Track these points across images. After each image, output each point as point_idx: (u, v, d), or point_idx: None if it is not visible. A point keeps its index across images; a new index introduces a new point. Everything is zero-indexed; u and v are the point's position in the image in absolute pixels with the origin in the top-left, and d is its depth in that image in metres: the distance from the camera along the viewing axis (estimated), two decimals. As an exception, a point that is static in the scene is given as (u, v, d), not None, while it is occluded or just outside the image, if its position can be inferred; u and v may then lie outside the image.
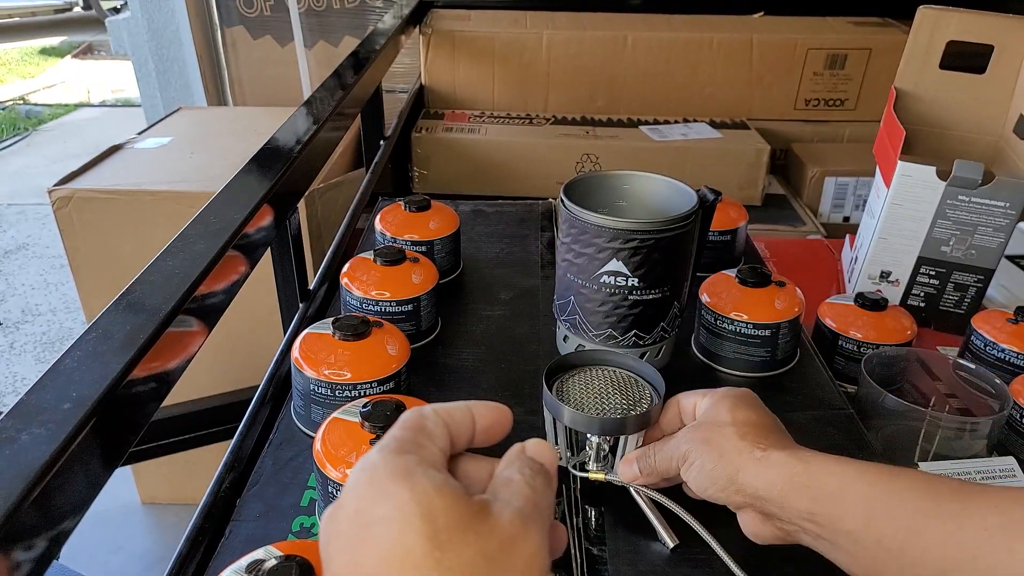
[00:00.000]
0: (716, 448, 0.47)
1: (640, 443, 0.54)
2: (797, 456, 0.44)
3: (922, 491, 0.40)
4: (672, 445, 0.50)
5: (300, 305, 0.84)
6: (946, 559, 0.37)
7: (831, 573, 0.50)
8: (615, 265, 0.62)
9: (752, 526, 0.47)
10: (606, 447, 0.55)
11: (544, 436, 0.56)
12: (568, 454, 0.56)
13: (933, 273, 0.92)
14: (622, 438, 0.54)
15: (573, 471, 0.55)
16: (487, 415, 0.34)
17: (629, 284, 0.62)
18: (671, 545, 0.52)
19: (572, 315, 0.66)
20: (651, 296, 0.63)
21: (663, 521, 0.53)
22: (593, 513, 0.55)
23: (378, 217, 0.85)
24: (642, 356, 0.67)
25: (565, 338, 0.69)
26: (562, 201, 0.64)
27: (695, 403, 0.52)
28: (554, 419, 0.55)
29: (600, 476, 0.54)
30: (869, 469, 0.42)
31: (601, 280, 0.63)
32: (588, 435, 0.54)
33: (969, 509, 0.38)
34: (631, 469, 0.52)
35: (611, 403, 0.54)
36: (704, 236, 0.67)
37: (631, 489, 0.54)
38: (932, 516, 0.38)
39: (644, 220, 0.60)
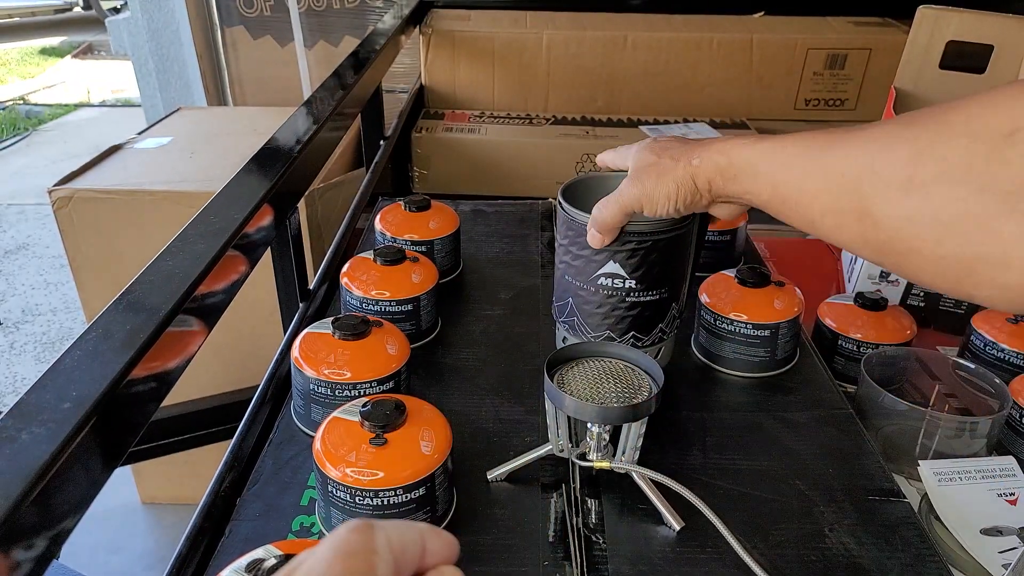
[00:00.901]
0: (666, 181, 0.55)
1: (643, 431, 0.54)
2: (723, 152, 0.53)
3: (805, 155, 0.48)
4: (619, 199, 0.57)
5: (300, 305, 0.84)
6: (824, 208, 0.45)
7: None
8: (612, 267, 0.62)
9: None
10: (607, 436, 0.55)
11: (546, 430, 0.57)
12: (569, 445, 0.56)
13: (933, 273, 0.92)
14: (623, 427, 0.55)
15: (576, 461, 0.56)
16: (437, 552, 0.28)
17: (626, 286, 0.62)
18: (677, 528, 0.52)
19: (571, 317, 0.66)
20: (649, 298, 0.63)
21: (667, 504, 0.53)
22: (593, 505, 0.55)
23: (378, 217, 0.85)
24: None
25: (564, 339, 0.69)
26: (559, 203, 0.64)
27: (619, 160, 0.61)
28: (556, 410, 0.55)
29: (604, 464, 0.55)
30: (775, 148, 0.50)
31: (599, 282, 0.63)
32: (589, 425, 0.55)
33: (837, 161, 0.45)
34: (595, 236, 0.60)
35: (611, 393, 0.54)
36: (702, 237, 0.67)
37: (634, 475, 0.55)
38: (811, 174, 0.47)
39: (641, 221, 0.60)
